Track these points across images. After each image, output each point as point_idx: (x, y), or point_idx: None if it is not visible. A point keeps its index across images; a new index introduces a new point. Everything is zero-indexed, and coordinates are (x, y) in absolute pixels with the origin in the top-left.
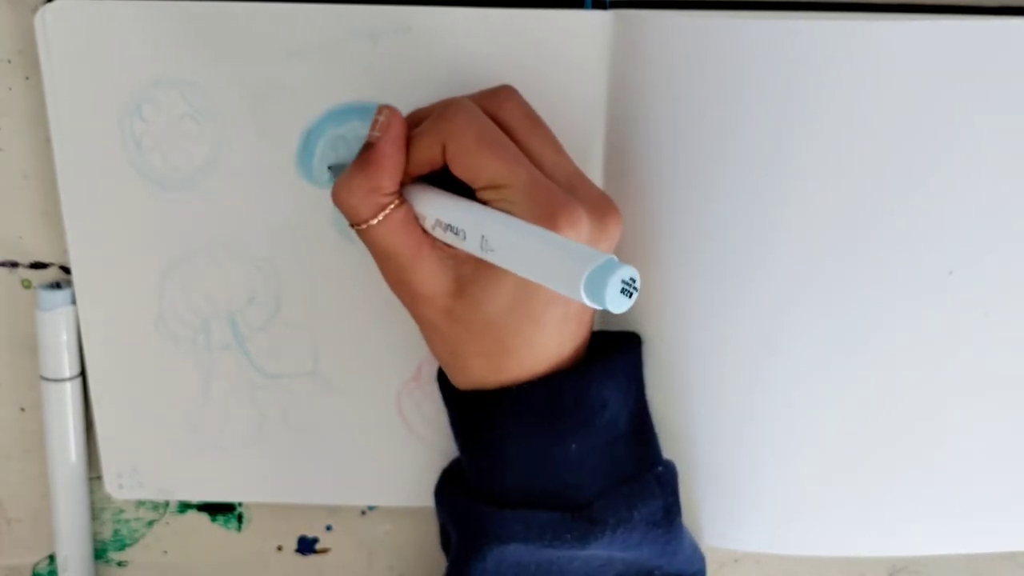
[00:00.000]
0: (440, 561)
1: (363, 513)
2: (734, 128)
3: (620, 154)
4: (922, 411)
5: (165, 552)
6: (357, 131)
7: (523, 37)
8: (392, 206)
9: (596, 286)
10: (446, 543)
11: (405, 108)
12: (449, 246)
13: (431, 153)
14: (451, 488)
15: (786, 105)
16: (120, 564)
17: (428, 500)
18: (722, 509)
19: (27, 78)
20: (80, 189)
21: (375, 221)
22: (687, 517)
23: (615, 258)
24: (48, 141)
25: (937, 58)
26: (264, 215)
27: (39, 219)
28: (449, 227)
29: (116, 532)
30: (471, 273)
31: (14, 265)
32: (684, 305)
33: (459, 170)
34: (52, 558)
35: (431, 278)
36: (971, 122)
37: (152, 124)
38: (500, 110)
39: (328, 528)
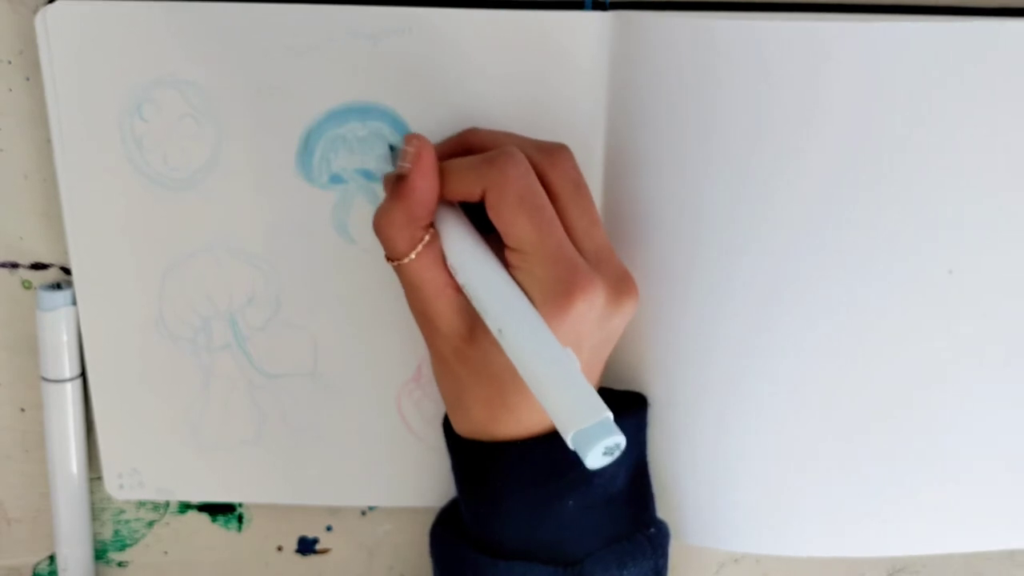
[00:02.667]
0: None
1: (363, 513)
2: (734, 128)
3: (620, 154)
4: (921, 411)
5: (165, 552)
6: (357, 131)
7: (523, 37)
8: (424, 241)
9: (584, 441)
10: None
11: (406, 108)
12: None
13: (470, 191)
14: (447, 531)
15: (787, 105)
16: (120, 564)
17: (428, 500)
18: (720, 510)
19: (27, 78)
20: (80, 189)
21: (407, 260)
22: (685, 517)
23: (611, 419)
24: (48, 141)
25: (938, 59)
26: (264, 215)
27: (39, 219)
28: (473, 296)
29: (116, 532)
30: (484, 323)
31: (14, 266)
32: (680, 301)
33: (493, 217)
34: (52, 558)
35: (448, 318)
36: (970, 122)
37: (152, 124)
38: (550, 169)
39: (328, 528)
